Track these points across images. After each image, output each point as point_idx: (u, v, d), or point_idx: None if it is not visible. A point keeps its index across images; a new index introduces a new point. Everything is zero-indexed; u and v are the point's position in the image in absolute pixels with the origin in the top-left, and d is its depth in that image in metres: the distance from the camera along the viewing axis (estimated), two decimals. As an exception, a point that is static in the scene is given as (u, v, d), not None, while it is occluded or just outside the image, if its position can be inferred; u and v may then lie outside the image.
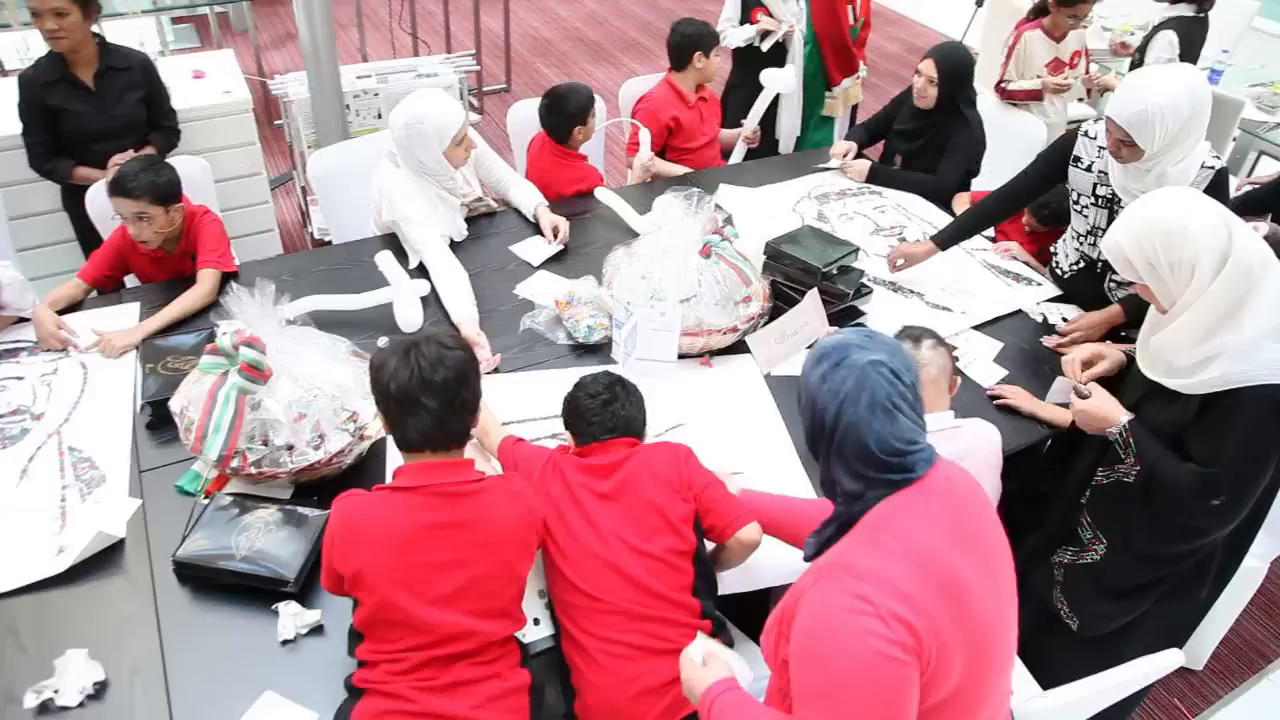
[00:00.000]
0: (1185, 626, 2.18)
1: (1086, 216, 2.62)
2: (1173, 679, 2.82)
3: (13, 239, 3.17)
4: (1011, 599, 1.42)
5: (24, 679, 1.69)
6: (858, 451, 1.32)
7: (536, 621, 1.85)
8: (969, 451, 2.06)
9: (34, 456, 2.18)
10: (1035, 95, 4.11)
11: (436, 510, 1.62)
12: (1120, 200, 2.46)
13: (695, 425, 2.32)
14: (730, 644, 1.77)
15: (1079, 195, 2.61)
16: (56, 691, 1.66)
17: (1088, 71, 4.36)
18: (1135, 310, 2.44)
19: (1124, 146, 2.28)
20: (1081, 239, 2.69)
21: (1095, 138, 2.52)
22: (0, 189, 3.08)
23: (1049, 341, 2.68)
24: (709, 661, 1.48)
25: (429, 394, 1.60)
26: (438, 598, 1.60)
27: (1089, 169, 2.54)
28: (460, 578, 1.61)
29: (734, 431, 2.31)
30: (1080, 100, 4.56)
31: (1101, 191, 2.52)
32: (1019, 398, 2.43)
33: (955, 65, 3.26)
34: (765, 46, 3.97)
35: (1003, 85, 4.14)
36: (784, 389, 2.46)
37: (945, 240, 2.85)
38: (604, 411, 1.87)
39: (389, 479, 2.11)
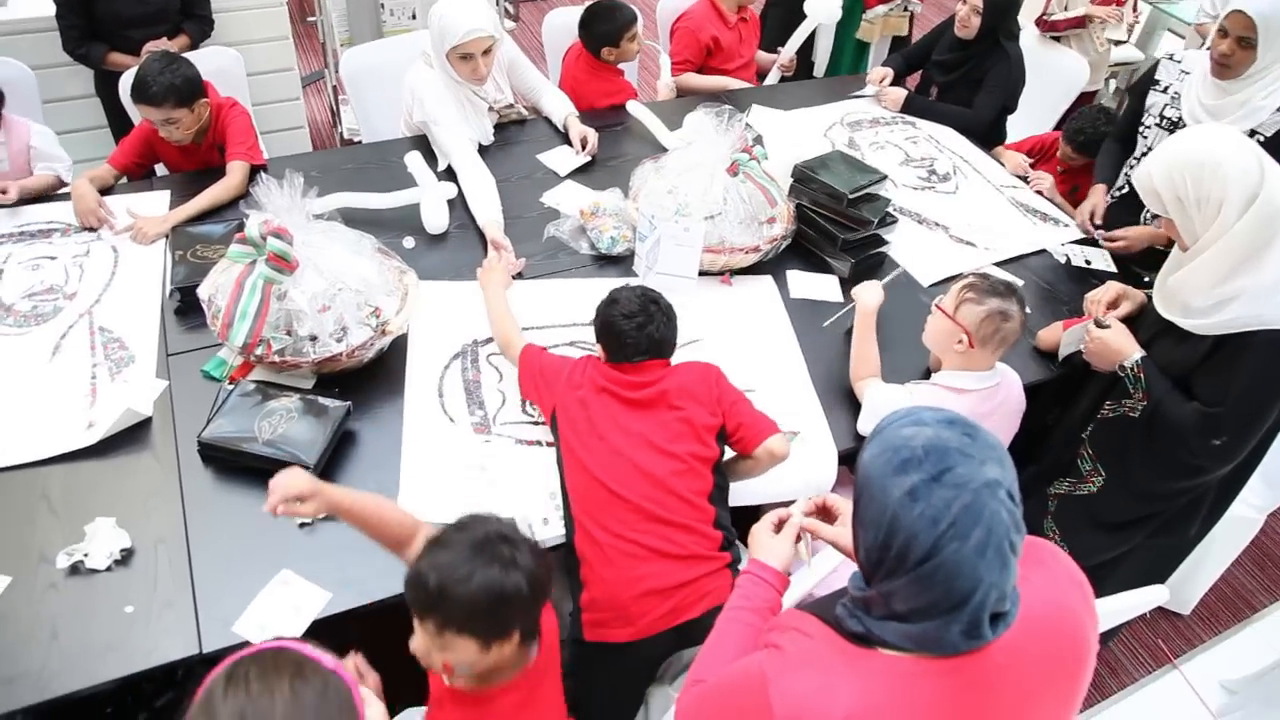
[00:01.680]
0: (1169, 563, 2.23)
1: (1146, 138, 2.60)
2: (1158, 620, 2.89)
3: (47, 122, 3.18)
4: None
5: (55, 542, 1.78)
6: (952, 596, 1.01)
7: (546, 521, 1.91)
8: (1002, 405, 2.08)
9: (66, 335, 2.24)
10: (1079, 23, 3.97)
11: None
12: (1185, 125, 2.44)
13: (712, 342, 2.34)
14: (737, 559, 1.83)
15: (1148, 118, 2.59)
16: (86, 555, 1.75)
17: (1135, 9, 4.22)
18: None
19: (1239, 48, 2.25)
20: (1135, 165, 2.66)
21: (1180, 61, 2.51)
22: (35, 71, 3.08)
23: (1100, 236, 2.72)
24: (781, 534, 1.43)
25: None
26: None
27: (1165, 90, 2.52)
28: None
29: (749, 350, 2.34)
30: (1123, 41, 4.41)
31: (1169, 113, 2.50)
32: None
33: None
34: None
35: (1044, 17, 4.01)
36: (802, 312, 2.48)
37: (1109, 181, 2.82)
38: (639, 334, 1.87)
39: (409, 379, 2.17)
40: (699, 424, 1.84)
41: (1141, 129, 2.60)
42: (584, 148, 2.97)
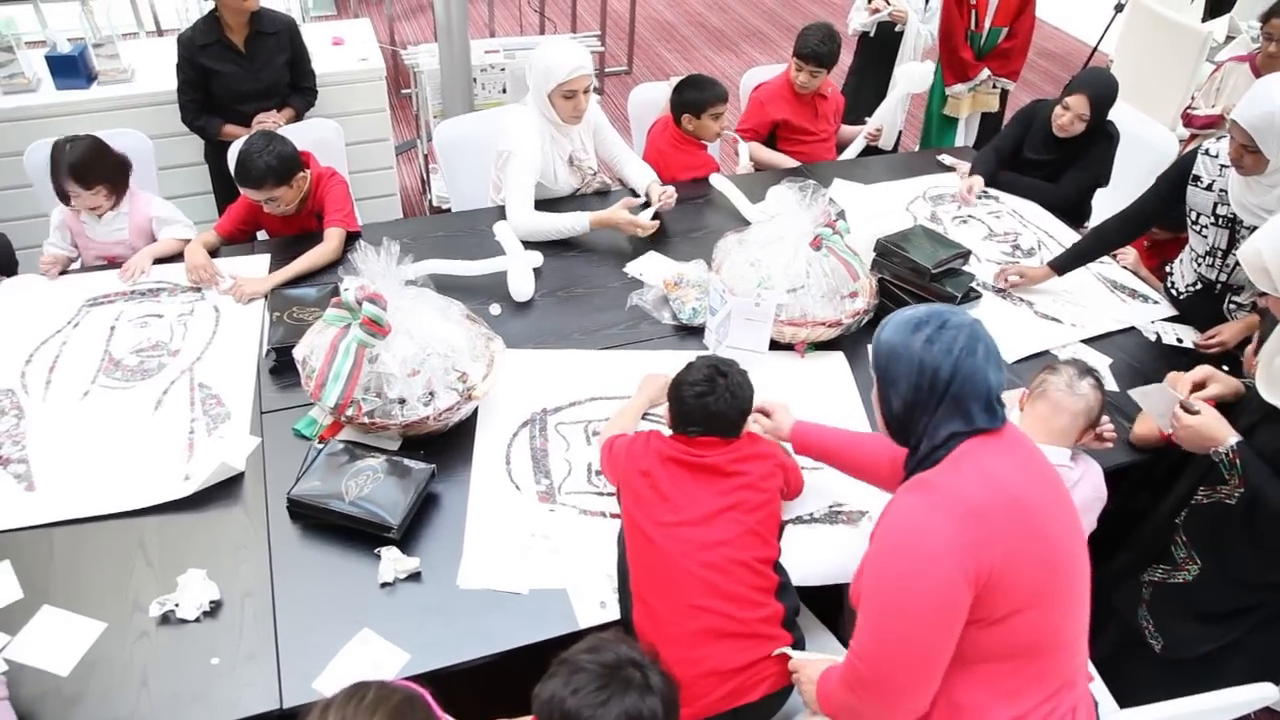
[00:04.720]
0: (1287, 660, 2.11)
1: (1206, 237, 2.54)
2: (1265, 720, 2.73)
3: (161, 186, 3.37)
4: (1079, 532, 1.53)
5: (149, 590, 1.84)
6: (976, 395, 1.43)
7: (603, 605, 1.88)
8: (1074, 488, 2.02)
9: (168, 390, 2.34)
10: (1215, 122, 3.89)
11: None
12: (1241, 220, 2.38)
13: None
14: (801, 643, 1.80)
15: (1198, 215, 2.53)
16: (177, 605, 1.80)
17: None
18: (1273, 320, 2.37)
19: (1246, 154, 2.22)
20: (1200, 260, 2.61)
21: (1216, 156, 2.45)
22: (153, 140, 3.28)
23: (1197, 342, 2.63)
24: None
25: None
26: None
27: (1209, 188, 2.46)
28: None
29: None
30: None
31: (1222, 211, 2.45)
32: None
33: (1106, 97, 3.12)
34: (871, 30, 3.99)
35: (1189, 112, 3.95)
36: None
37: (1063, 265, 2.80)
38: (695, 403, 1.84)
39: (477, 445, 2.20)
40: (763, 487, 1.84)
41: (1199, 228, 2.54)
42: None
